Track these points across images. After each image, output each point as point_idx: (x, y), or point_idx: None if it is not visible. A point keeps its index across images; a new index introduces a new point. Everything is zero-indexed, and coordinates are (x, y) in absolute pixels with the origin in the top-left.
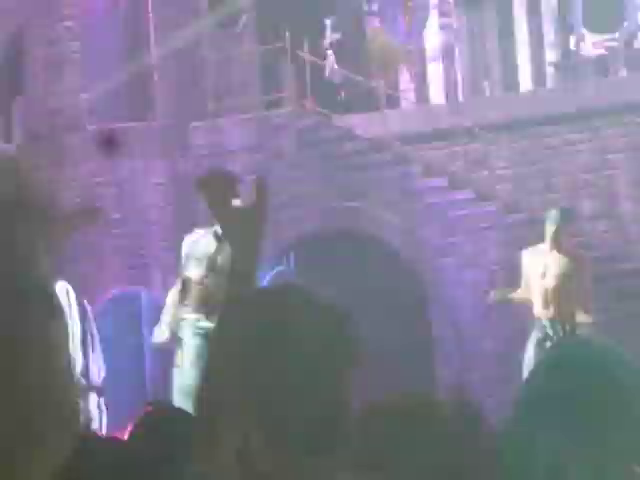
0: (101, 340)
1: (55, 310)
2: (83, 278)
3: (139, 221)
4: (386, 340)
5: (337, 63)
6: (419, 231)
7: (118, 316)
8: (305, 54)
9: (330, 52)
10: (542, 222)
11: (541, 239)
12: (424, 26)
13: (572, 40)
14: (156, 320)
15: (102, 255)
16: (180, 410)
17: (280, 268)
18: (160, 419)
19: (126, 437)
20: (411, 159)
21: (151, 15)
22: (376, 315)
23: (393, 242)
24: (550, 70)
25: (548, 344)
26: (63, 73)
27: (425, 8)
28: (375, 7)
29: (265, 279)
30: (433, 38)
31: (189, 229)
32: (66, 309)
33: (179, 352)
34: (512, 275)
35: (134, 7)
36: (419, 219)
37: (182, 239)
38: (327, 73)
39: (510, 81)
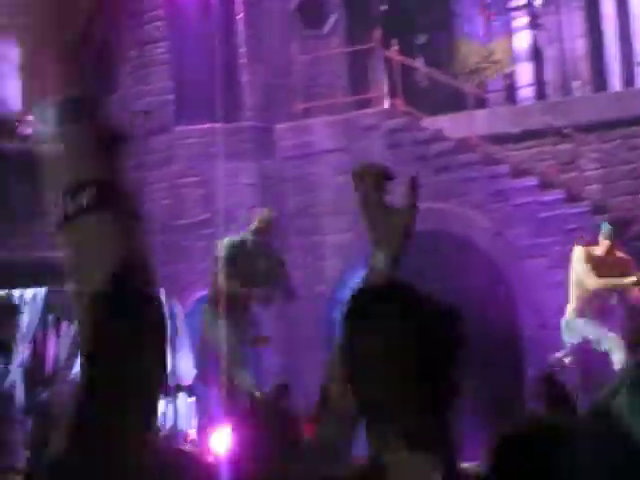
0: (190, 340)
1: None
2: (173, 279)
3: (227, 222)
4: (475, 341)
5: (425, 64)
6: (508, 232)
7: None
8: (394, 54)
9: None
10: (632, 223)
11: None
12: (512, 26)
13: None
14: None
15: (191, 256)
16: None
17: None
18: None
19: None
20: (500, 160)
21: (241, 15)
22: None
23: (482, 243)
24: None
25: None
26: (151, 74)
27: (513, 8)
28: (457, 8)
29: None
30: (522, 38)
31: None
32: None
33: None
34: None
35: (223, 8)
36: (508, 220)
37: None
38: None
39: (599, 81)
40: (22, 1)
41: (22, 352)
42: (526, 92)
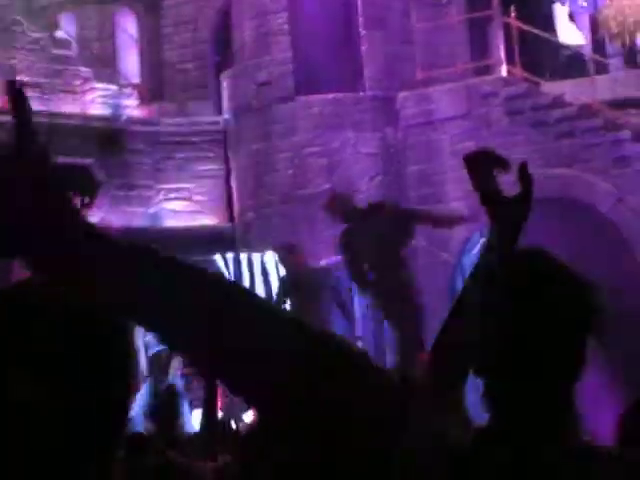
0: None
1: None
2: (297, 247)
3: (349, 192)
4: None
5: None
6: (630, 197)
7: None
8: (513, 21)
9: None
10: None
11: None
12: None
13: None
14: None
15: (313, 226)
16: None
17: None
18: None
19: None
20: (621, 125)
21: None
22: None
23: (604, 209)
24: None
25: None
26: (271, 45)
27: None
28: None
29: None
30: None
31: (396, 199)
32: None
33: None
34: None
35: None
36: (630, 185)
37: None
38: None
39: None
40: None
41: None
42: None
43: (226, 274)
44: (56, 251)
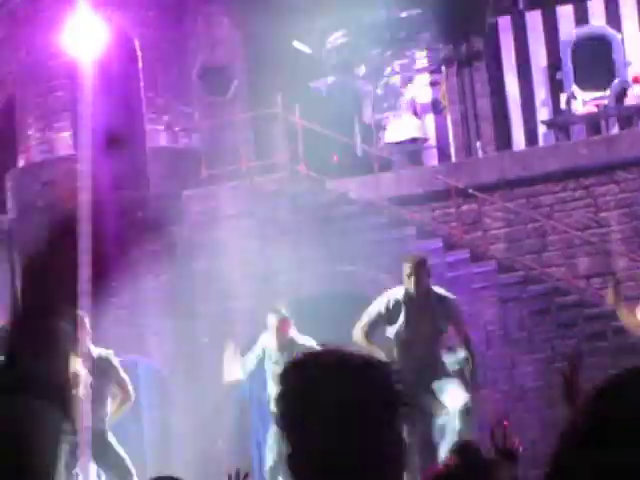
0: None
1: None
2: None
3: (135, 290)
4: None
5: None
6: None
7: None
8: (297, 118)
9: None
10: (537, 281)
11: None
12: (416, 87)
13: (563, 98)
14: (153, 387)
15: (101, 324)
16: None
17: None
18: None
19: None
20: (406, 222)
21: (143, 83)
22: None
23: None
24: (542, 129)
25: None
26: (55, 143)
27: (412, 67)
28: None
29: None
30: (423, 96)
31: (182, 297)
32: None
33: None
34: (508, 334)
35: (126, 77)
36: None
37: (175, 307)
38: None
39: (502, 140)
40: None
41: None
42: (430, 153)
43: None
44: None
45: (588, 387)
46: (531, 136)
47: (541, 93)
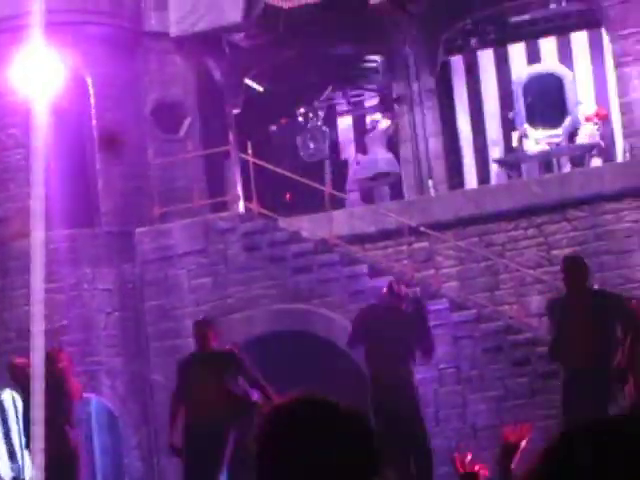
0: None
1: None
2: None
3: (87, 327)
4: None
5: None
6: None
7: None
8: (250, 156)
9: None
10: (490, 319)
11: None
12: (366, 125)
13: (515, 137)
14: (106, 425)
15: None
16: None
17: None
18: None
19: None
20: (358, 260)
21: (94, 121)
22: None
23: (342, 342)
24: (494, 167)
25: None
26: (8, 181)
27: (364, 105)
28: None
29: None
30: (375, 135)
31: (134, 335)
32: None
33: None
34: (460, 372)
35: (79, 115)
36: None
37: (128, 346)
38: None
39: (454, 179)
40: None
41: None
42: (382, 191)
43: None
44: None
45: (536, 450)
46: (483, 174)
47: (493, 132)
